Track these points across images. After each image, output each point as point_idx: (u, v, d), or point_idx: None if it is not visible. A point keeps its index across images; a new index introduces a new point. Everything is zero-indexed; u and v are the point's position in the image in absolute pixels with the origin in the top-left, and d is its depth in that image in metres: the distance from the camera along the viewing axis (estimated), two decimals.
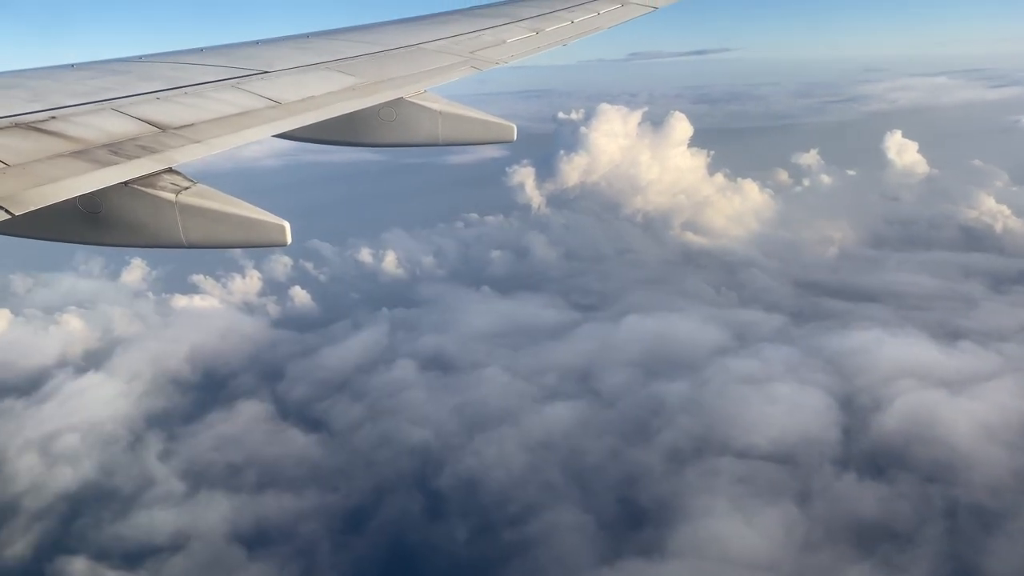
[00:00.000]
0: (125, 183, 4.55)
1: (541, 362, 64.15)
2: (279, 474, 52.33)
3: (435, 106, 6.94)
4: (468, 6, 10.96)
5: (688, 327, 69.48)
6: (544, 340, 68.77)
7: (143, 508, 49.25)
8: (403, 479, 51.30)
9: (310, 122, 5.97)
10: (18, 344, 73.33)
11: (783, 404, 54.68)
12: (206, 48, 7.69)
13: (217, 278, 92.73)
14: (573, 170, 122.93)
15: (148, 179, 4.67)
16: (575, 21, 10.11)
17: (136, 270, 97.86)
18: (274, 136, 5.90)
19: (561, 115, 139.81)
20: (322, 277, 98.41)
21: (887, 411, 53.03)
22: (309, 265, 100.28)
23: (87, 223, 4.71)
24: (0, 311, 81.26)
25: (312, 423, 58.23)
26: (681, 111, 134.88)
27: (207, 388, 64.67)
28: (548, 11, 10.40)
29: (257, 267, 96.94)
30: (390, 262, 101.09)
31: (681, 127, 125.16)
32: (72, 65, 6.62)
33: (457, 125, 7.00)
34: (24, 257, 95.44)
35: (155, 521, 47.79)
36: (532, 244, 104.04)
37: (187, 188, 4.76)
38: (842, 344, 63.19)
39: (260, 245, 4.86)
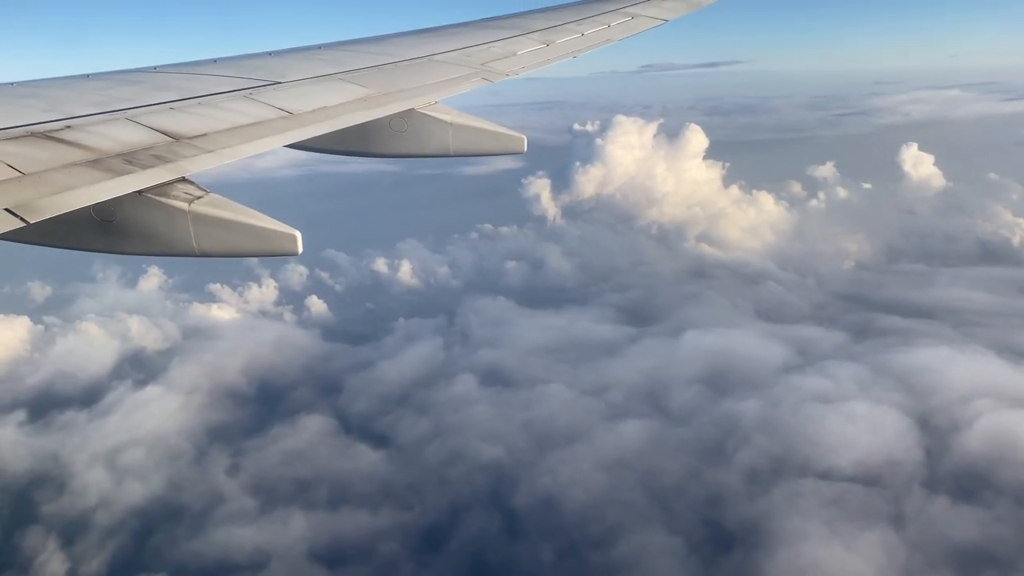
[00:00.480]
0: (139, 192, 4.59)
1: (603, 378, 63.53)
2: (351, 490, 51.71)
3: (446, 117, 6.97)
4: (478, 18, 11.01)
5: (747, 343, 68.81)
6: (602, 356, 68.30)
7: (218, 525, 48.66)
8: (478, 497, 50.36)
9: (322, 132, 6.01)
10: (68, 355, 73.43)
11: (860, 424, 53.37)
12: (220, 59, 7.76)
13: (234, 287, 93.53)
14: (589, 182, 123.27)
15: (162, 188, 4.70)
16: (585, 33, 10.15)
17: (153, 279, 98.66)
18: (286, 146, 5.94)
19: (576, 127, 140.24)
20: (338, 287, 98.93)
21: (969, 432, 51.50)
22: (325, 275, 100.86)
23: (101, 232, 4.75)
24: (19, 319, 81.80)
25: (378, 438, 57.70)
26: (694, 123, 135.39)
27: (265, 401, 64.82)
28: (558, 23, 10.45)
29: (273, 276, 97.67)
30: (405, 272, 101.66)
31: (696, 139, 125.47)
32: (87, 75, 6.68)
33: (468, 136, 7.02)
34: (42, 266, 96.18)
35: (233, 538, 47.19)
36: (551, 255, 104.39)
37: (200, 197, 4.79)
38: (910, 362, 62.01)
39: (272, 254, 4.89)
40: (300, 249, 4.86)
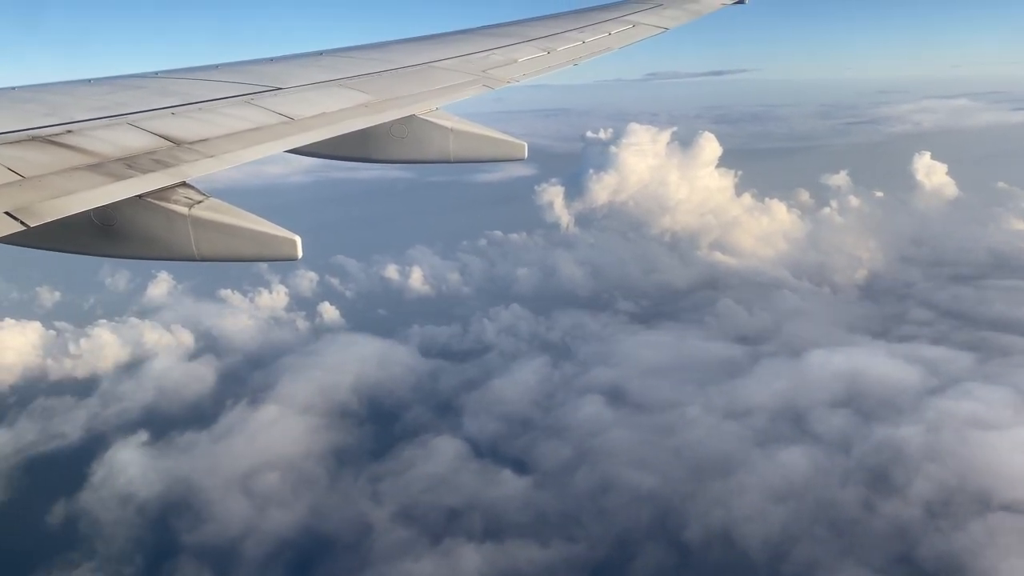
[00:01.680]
0: (139, 196, 4.59)
1: (738, 401, 60.59)
2: (506, 520, 49.04)
3: (446, 123, 6.98)
4: (479, 25, 11.04)
5: (875, 363, 65.70)
6: (724, 376, 65.16)
7: (386, 560, 46.25)
8: (647, 530, 47.53)
9: (323, 138, 6.01)
10: (159, 369, 71.71)
11: None
12: (221, 65, 7.77)
13: (244, 292, 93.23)
14: (602, 189, 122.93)
15: (162, 193, 4.71)
16: (586, 41, 10.18)
17: (162, 284, 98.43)
18: (287, 152, 5.95)
19: (589, 134, 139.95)
20: (348, 293, 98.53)
21: None
22: (335, 281, 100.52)
23: (101, 236, 4.75)
24: (31, 324, 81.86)
25: (516, 463, 55.04)
26: (691, 131, 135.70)
27: (380, 421, 62.55)
28: (559, 31, 10.48)
29: (283, 282, 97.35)
30: (416, 279, 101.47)
31: (710, 147, 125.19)
32: (89, 80, 6.69)
33: (468, 142, 7.03)
34: (48, 270, 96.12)
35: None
36: (564, 263, 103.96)
37: (200, 202, 4.80)
38: None
39: (272, 259, 4.89)
40: (300, 254, 4.86)
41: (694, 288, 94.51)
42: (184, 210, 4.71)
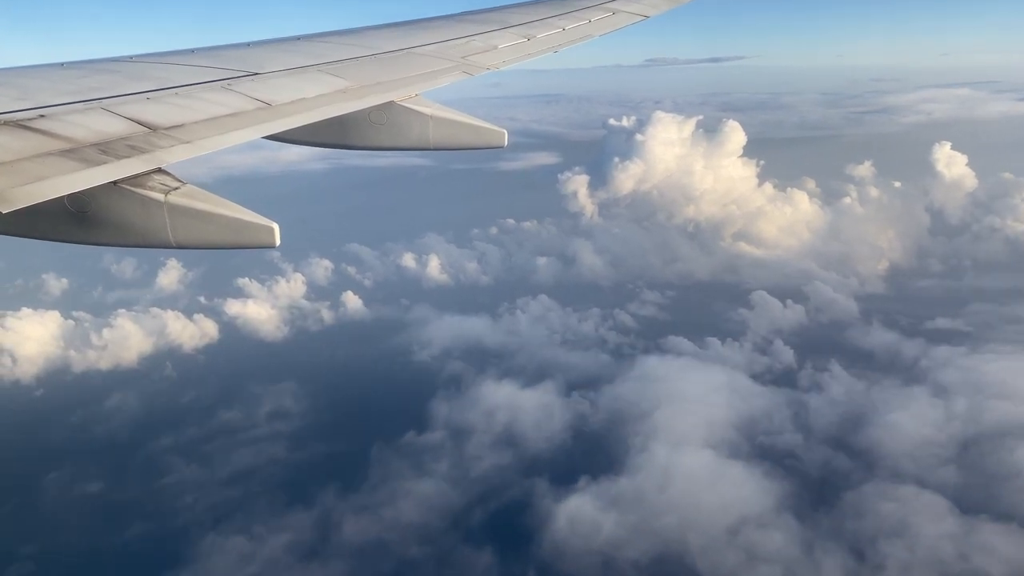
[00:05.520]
0: (114, 183, 4.53)
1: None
2: None
3: (426, 110, 6.95)
4: (459, 11, 10.99)
5: None
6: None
7: None
8: None
9: (300, 124, 5.96)
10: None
11: None
12: (197, 49, 7.67)
13: (262, 281, 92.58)
14: (626, 178, 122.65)
15: (137, 179, 4.65)
16: (566, 28, 10.15)
17: (172, 272, 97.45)
18: (264, 138, 5.89)
19: (612, 122, 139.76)
20: (367, 282, 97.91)
21: None
22: (352, 269, 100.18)
23: (75, 222, 4.69)
24: (49, 314, 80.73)
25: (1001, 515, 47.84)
26: (710, 119, 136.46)
27: (780, 461, 55.25)
28: (539, 18, 10.44)
29: (298, 270, 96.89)
30: (434, 267, 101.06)
31: (735, 136, 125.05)
32: (62, 64, 6.59)
33: (447, 129, 7.00)
34: (52, 258, 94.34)
35: None
36: (584, 252, 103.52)
37: (176, 188, 4.75)
38: None
39: (249, 246, 4.86)
40: (278, 241, 4.83)
41: (717, 278, 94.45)
42: (160, 197, 4.67)
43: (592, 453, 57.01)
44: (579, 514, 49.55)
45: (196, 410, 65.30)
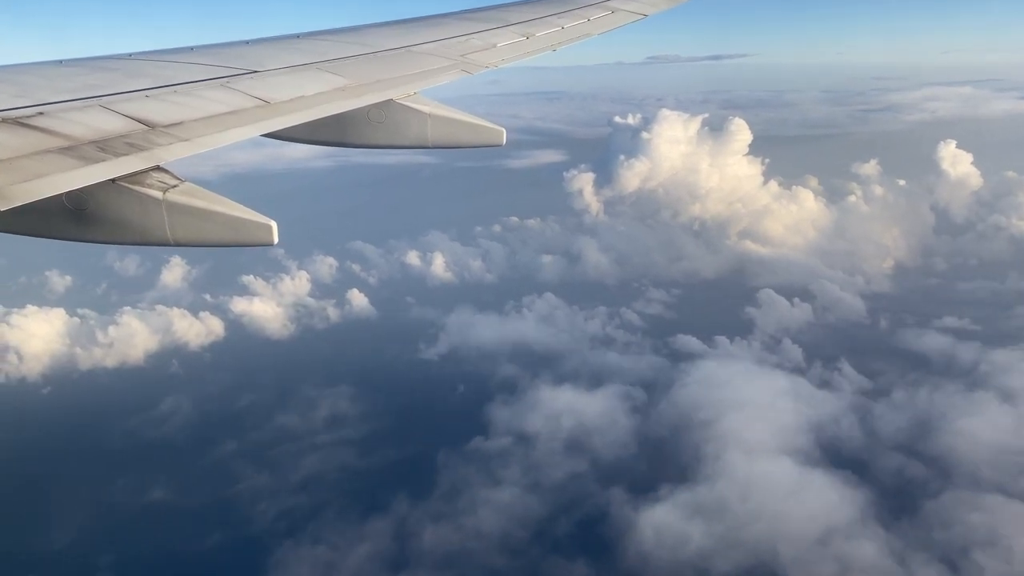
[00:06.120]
0: (113, 180, 4.54)
1: None
2: None
3: (424, 108, 6.95)
4: (458, 10, 10.99)
5: None
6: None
7: None
8: None
9: (299, 122, 5.97)
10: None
11: None
12: (196, 47, 7.67)
13: (267, 279, 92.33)
14: (632, 176, 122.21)
15: (136, 177, 4.66)
16: (565, 27, 10.15)
17: (176, 269, 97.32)
18: (262, 136, 5.90)
19: (617, 119, 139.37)
20: (371, 280, 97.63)
21: None
22: (356, 267, 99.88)
23: (74, 220, 4.70)
24: (54, 311, 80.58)
25: None
26: (713, 117, 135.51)
27: (838, 464, 54.41)
28: (538, 16, 10.44)
29: (303, 267, 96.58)
30: (438, 265, 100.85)
31: (740, 134, 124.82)
32: (61, 61, 6.59)
33: (446, 128, 7.01)
34: (54, 255, 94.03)
35: None
36: (589, 250, 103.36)
37: (175, 186, 4.76)
38: None
39: (247, 244, 4.87)
40: (275, 239, 4.84)
41: (723, 276, 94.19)
42: (158, 194, 4.67)
43: (663, 461, 55.93)
44: (663, 524, 48.32)
45: (214, 410, 64.77)
